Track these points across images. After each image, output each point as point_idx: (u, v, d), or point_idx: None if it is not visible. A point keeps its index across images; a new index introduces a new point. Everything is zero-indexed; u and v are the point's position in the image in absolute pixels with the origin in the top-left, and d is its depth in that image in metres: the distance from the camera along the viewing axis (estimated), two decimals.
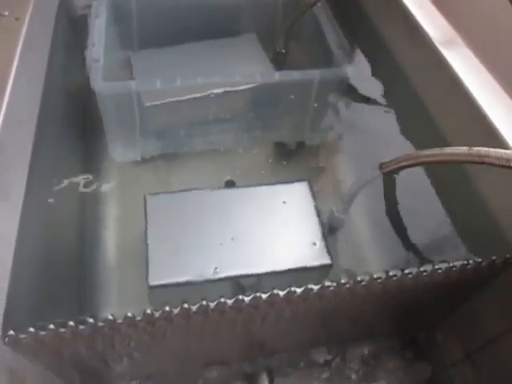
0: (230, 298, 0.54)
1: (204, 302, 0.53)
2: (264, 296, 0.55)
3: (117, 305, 0.78)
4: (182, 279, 0.68)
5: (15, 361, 0.54)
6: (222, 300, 0.54)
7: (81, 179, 0.86)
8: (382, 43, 0.96)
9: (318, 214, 0.76)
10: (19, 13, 0.73)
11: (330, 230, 0.79)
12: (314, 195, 0.79)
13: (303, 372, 0.79)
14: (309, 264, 0.71)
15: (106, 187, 0.89)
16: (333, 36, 0.91)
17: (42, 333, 0.51)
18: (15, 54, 0.67)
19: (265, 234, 0.74)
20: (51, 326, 0.51)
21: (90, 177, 0.88)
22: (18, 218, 0.59)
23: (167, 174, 0.94)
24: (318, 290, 0.56)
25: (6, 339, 0.50)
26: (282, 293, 0.55)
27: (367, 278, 0.57)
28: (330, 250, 0.72)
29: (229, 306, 0.54)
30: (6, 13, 0.72)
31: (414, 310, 0.71)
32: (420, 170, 0.79)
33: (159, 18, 1.02)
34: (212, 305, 0.54)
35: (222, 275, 0.69)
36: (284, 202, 0.78)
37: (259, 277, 0.70)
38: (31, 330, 0.51)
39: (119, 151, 0.93)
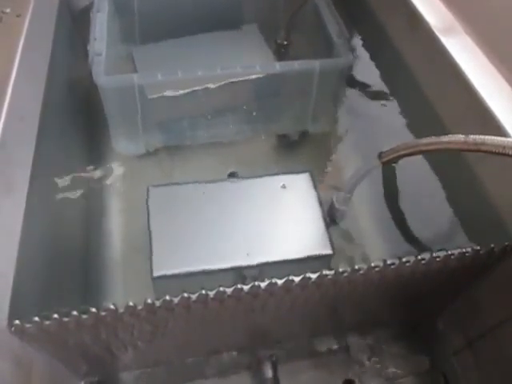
0: (229, 287, 0.55)
1: (203, 291, 0.54)
2: (263, 285, 0.56)
3: (122, 296, 0.79)
4: (186, 270, 0.69)
5: (22, 350, 0.56)
6: (222, 289, 0.55)
7: (85, 172, 0.87)
8: (382, 32, 0.95)
9: (320, 205, 0.77)
10: (20, 9, 0.73)
11: (331, 221, 0.79)
12: (316, 186, 0.79)
13: (306, 361, 0.80)
14: (310, 254, 0.72)
15: (109, 180, 0.90)
16: (333, 25, 0.91)
17: (47, 322, 0.52)
18: (17, 50, 0.68)
19: (267, 224, 0.74)
20: (55, 316, 0.52)
21: (94, 169, 0.89)
22: (23, 211, 0.60)
23: (171, 167, 0.95)
24: (317, 278, 0.56)
25: (13, 328, 0.52)
26: (280, 281, 0.56)
27: (365, 266, 0.57)
28: (331, 239, 0.73)
29: (228, 295, 0.55)
30: (8, 10, 0.73)
31: (413, 298, 0.71)
32: (419, 158, 0.79)
33: (161, 10, 1.02)
34: (211, 294, 0.54)
35: (225, 266, 0.70)
36: (286, 193, 0.78)
37: (261, 267, 0.71)
38: (36, 319, 0.52)
39: (123, 144, 0.94)
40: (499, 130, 0.64)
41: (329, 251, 0.72)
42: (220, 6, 1.05)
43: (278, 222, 0.75)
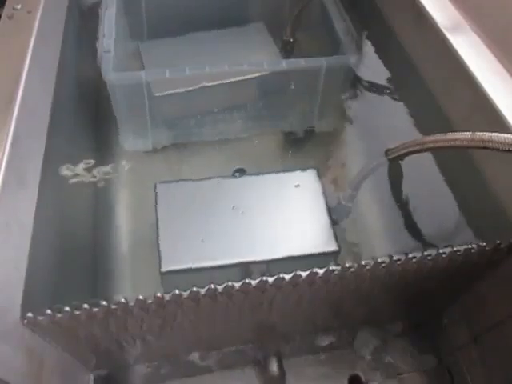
0: (238, 282, 0.56)
1: (212, 286, 0.55)
2: (270, 280, 0.56)
3: (130, 290, 0.80)
4: (193, 265, 0.70)
5: (34, 342, 0.56)
6: (230, 284, 0.55)
7: (93, 168, 0.88)
8: (389, 29, 0.95)
9: (327, 202, 0.77)
10: (31, 6, 0.74)
11: (337, 218, 0.80)
12: (323, 183, 0.80)
13: (312, 356, 0.81)
14: (317, 251, 0.73)
15: (118, 176, 0.91)
16: (340, 23, 0.91)
17: (59, 315, 0.53)
18: (28, 46, 0.68)
19: (273, 221, 0.75)
20: (67, 309, 0.53)
21: (102, 165, 0.90)
22: (35, 205, 0.61)
23: (178, 163, 0.96)
24: (323, 273, 0.57)
25: (25, 321, 0.53)
26: (287, 276, 0.56)
27: (371, 262, 0.57)
28: (337, 237, 0.74)
29: (236, 290, 0.56)
30: (19, 6, 0.73)
31: (419, 294, 0.71)
32: (426, 155, 0.80)
33: (168, 7, 1.03)
34: (220, 288, 0.55)
35: (232, 261, 0.71)
36: (292, 190, 0.79)
37: (268, 263, 0.71)
38: (48, 311, 0.53)
39: (130, 141, 0.95)
40: (506, 128, 0.64)
41: (334, 248, 0.73)
42: (227, 2, 1.06)
43: (284, 219, 0.75)
